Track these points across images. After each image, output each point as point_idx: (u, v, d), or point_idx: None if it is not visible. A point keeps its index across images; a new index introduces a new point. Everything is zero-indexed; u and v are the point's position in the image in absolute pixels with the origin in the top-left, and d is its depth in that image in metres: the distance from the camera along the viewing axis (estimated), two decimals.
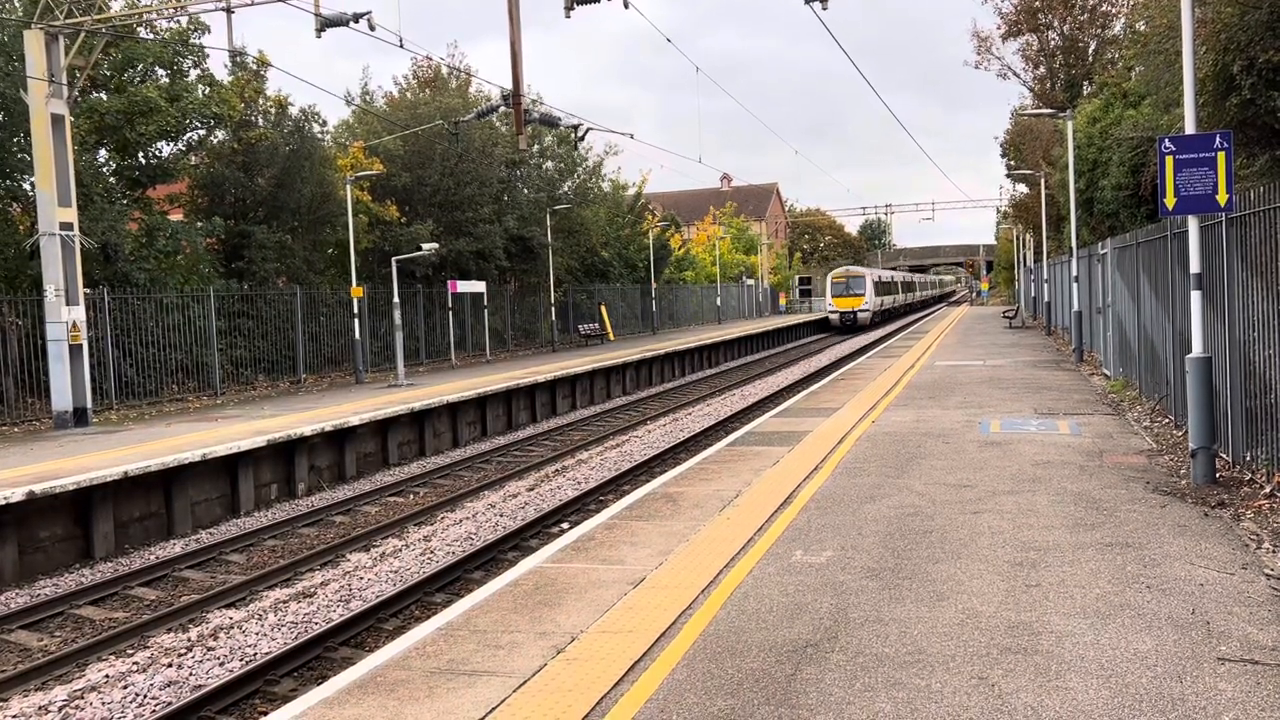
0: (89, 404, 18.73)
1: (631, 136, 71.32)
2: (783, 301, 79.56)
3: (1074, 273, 25.94)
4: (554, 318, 39.37)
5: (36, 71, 18.13)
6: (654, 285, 49.36)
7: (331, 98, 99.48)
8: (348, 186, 26.31)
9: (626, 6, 17.19)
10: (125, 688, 8.17)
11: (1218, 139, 9.51)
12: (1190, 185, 9.54)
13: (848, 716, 4.91)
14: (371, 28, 17.84)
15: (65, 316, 18.34)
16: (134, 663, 8.73)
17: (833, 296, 56.50)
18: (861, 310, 55.35)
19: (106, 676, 8.42)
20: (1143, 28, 22.16)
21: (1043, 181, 38.07)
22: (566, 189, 41.22)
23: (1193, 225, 9.82)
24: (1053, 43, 40.57)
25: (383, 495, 15.59)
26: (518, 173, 38.65)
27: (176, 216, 26.15)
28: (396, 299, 25.74)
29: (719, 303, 62.03)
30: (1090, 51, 39.64)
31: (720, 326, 54.74)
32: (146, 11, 21.10)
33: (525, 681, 5.57)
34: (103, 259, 21.90)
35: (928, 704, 5.00)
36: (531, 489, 15.47)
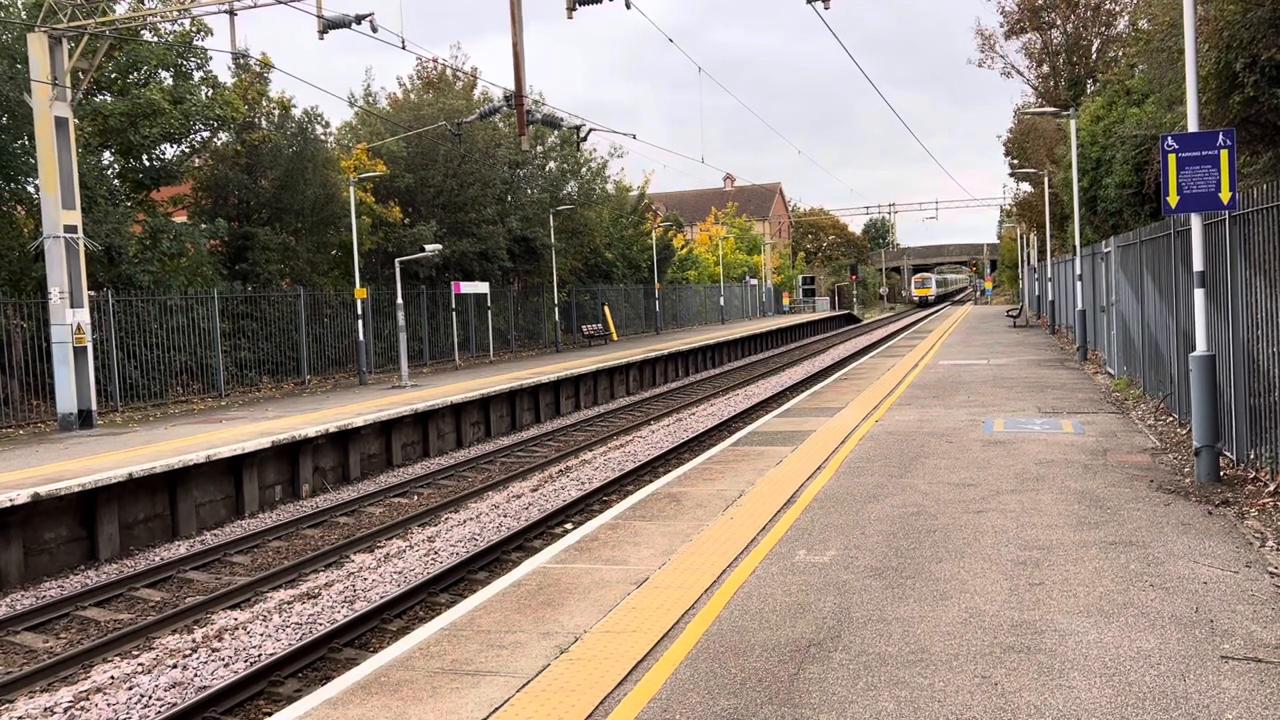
0: (93, 406, 18.77)
1: (634, 137, 71.46)
2: (786, 301, 79.54)
3: (1077, 271, 25.92)
4: (557, 318, 39.38)
5: (40, 74, 18.17)
6: (657, 285, 49.34)
7: (334, 99, 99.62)
8: (351, 188, 26.34)
9: (629, 6, 17.20)
10: (130, 689, 8.20)
11: (1220, 137, 9.49)
12: (1193, 183, 9.52)
13: (851, 716, 4.91)
14: (374, 29, 17.87)
15: (69, 319, 18.38)
16: (139, 664, 8.75)
17: (915, 288, 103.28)
18: (930, 296, 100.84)
19: (112, 678, 8.44)
20: (1145, 25, 22.12)
21: (1046, 180, 38.02)
22: (570, 189, 41.23)
23: (1196, 223, 9.80)
24: (1056, 41, 40.49)
25: (387, 496, 15.61)
26: (521, 173, 38.66)
27: (180, 218, 26.19)
28: (400, 300, 25.76)
29: (722, 303, 62.04)
30: (1093, 49, 39.55)
31: (723, 326, 54.76)
32: (150, 14, 21.14)
33: (529, 681, 5.58)
34: (107, 261, 21.95)
35: (931, 703, 5.00)
36: (535, 489, 15.48)
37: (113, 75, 23.33)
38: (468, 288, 31.54)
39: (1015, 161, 46.77)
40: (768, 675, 5.45)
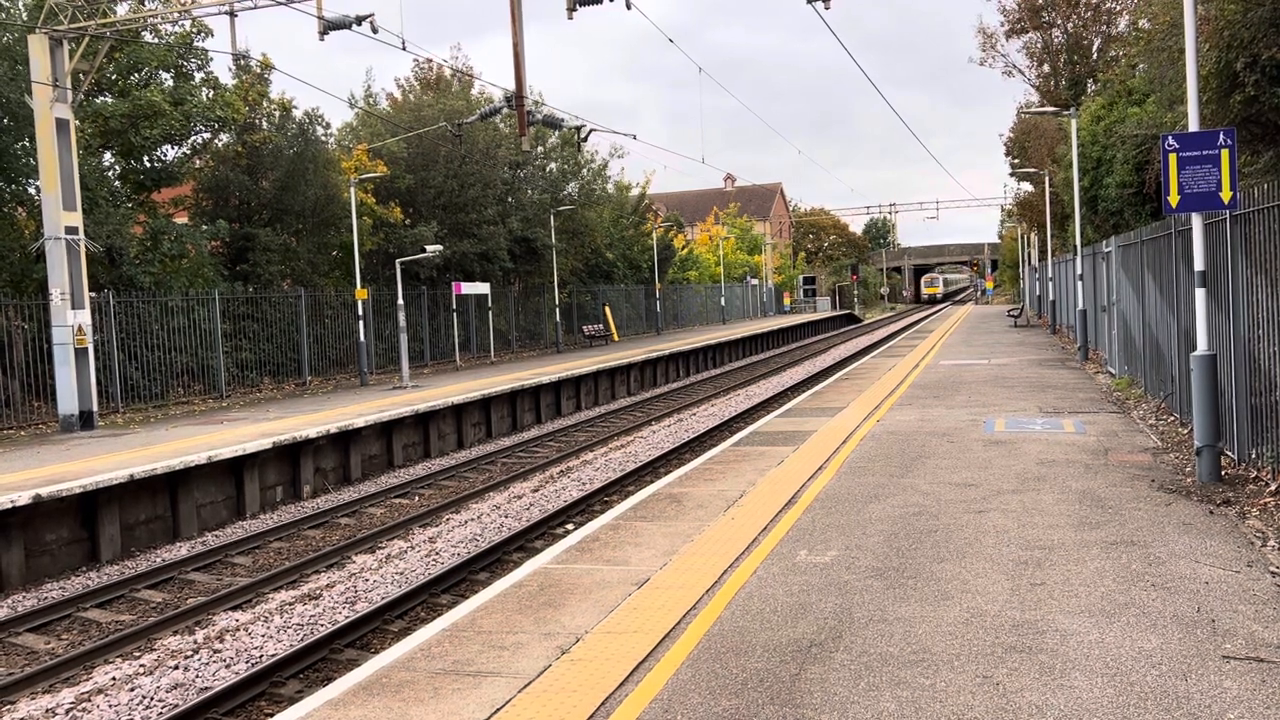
0: (94, 407, 18.77)
1: (634, 137, 71.49)
2: (787, 301, 79.55)
3: (1078, 271, 25.91)
4: (558, 319, 39.38)
5: (41, 76, 18.18)
6: (658, 286, 49.34)
7: (335, 100, 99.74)
8: (351, 189, 26.36)
9: (629, 7, 17.20)
10: (132, 690, 8.20)
11: (1221, 136, 9.49)
12: (1194, 183, 9.52)
13: (852, 716, 4.91)
14: (374, 30, 17.87)
15: (70, 320, 18.39)
16: (140, 665, 8.76)
17: (924, 287, 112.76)
18: (938, 294, 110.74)
19: (113, 679, 8.45)
20: (1146, 25, 22.11)
21: (1047, 180, 38.02)
22: (570, 190, 41.24)
23: (1197, 223, 9.80)
24: (1056, 40, 40.52)
25: (388, 497, 15.61)
26: (521, 174, 38.66)
27: (181, 220, 26.22)
28: (401, 301, 25.77)
29: (723, 303, 62.04)
30: (1094, 49, 39.57)
31: (724, 326, 54.75)
32: (150, 16, 21.15)
33: (530, 682, 5.58)
34: (108, 262, 21.96)
35: (932, 703, 5.00)
36: (536, 490, 15.48)
37: (113, 77, 23.34)
38: (468, 288, 31.53)
39: (1016, 161, 46.79)
40: (769, 675, 5.45)
